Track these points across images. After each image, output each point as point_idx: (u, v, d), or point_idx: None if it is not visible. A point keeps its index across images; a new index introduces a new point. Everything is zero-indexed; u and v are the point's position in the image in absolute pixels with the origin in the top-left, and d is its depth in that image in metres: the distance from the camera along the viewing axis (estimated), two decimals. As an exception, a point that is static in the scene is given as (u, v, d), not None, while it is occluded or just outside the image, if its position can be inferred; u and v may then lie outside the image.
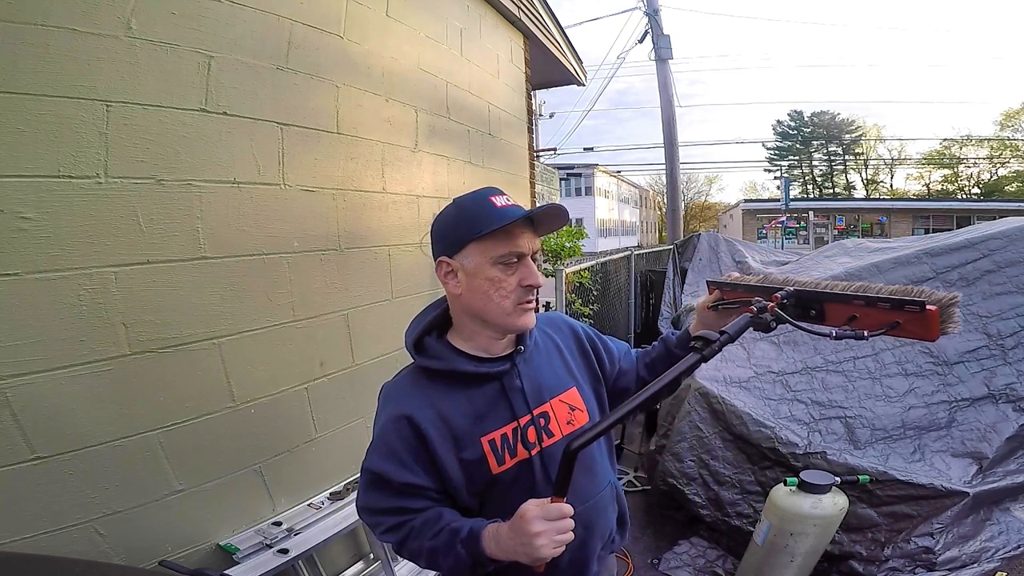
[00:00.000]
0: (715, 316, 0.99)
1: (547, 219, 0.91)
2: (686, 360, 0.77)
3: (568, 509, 0.76)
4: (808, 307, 0.85)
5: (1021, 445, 2.28)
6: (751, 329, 0.82)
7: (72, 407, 1.18)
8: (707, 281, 1.04)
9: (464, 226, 0.88)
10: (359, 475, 0.94)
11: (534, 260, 0.91)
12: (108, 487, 1.24)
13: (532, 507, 0.76)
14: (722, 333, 0.79)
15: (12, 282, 1.09)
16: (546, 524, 0.75)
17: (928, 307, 0.71)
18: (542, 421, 0.93)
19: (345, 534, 1.68)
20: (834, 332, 0.77)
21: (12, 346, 1.09)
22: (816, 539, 1.99)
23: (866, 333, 0.76)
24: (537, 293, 0.93)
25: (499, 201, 0.88)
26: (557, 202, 4.79)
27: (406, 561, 2.01)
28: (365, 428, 1.99)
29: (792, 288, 0.86)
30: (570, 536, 0.77)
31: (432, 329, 0.97)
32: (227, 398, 1.48)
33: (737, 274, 1.05)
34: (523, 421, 0.92)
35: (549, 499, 0.77)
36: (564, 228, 3.78)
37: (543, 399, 0.95)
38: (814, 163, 38.82)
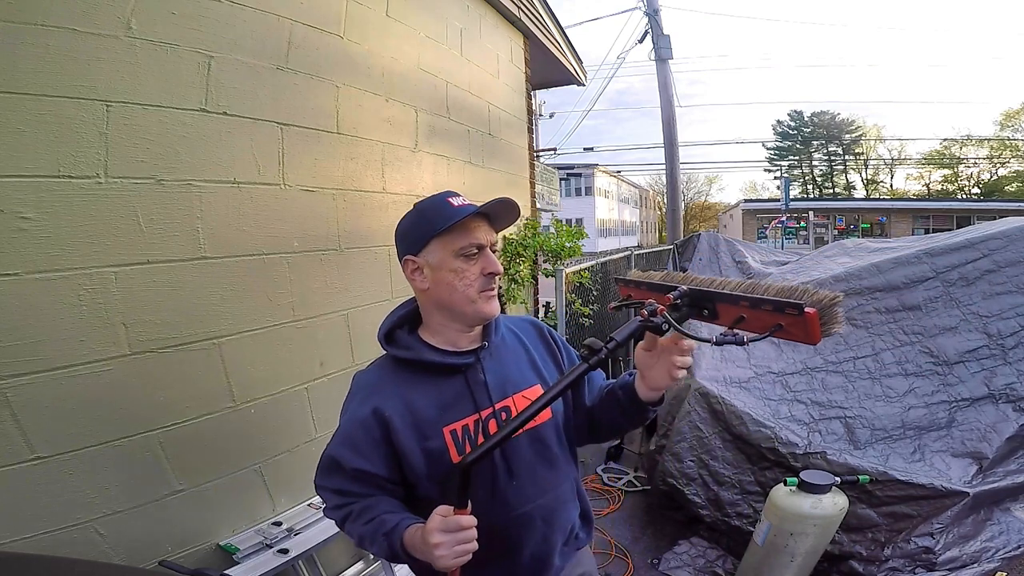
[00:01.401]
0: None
1: (501, 212, 0.97)
2: (575, 370, 0.80)
3: (469, 520, 0.78)
4: (702, 307, 0.86)
5: (1021, 445, 2.28)
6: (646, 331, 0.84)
7: (72, 407, 1.18)
8: (615, 278, 1.09)
9: (425, 225, 0.95)
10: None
11: (493, 251, 0.98)
12: (108, 487, 1.24)
13: (435, 518, 0.78)
14: (609, 340, 0.81)
15: (12, 282, 1.09)
16: (446, 536, 0.77)
17: (806, 310, 0.69)
18: (504, 415, 0.97)
19: (345, 534, 1.68)
20: (714, 338, 0.78)
21: (12, 346, 1.09)
22: (816, 539, 1.99)
23: (745, 338, 0.75)
24: (498, 281, 0.98)
25: (455, 201, 0.95)
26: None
27: (406, 561, 2.01)
28: (365, 428, 1.99)
29: (685, 287, 0.87)
30: (472, 546, 0.78)
31: (404, 324, 1.03)
32: (227, 398, 1.48)
33: (639, 272, 1.07)
34: (484, 413, 0.96)
35: (454, 509, 0.78)
36: (564, 228, 3.78)
37: (506, 393, 0.99)
38: (814, 163, 38.82)
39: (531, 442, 0.99)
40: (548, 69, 4.17)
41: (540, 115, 11.03)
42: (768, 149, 39.62)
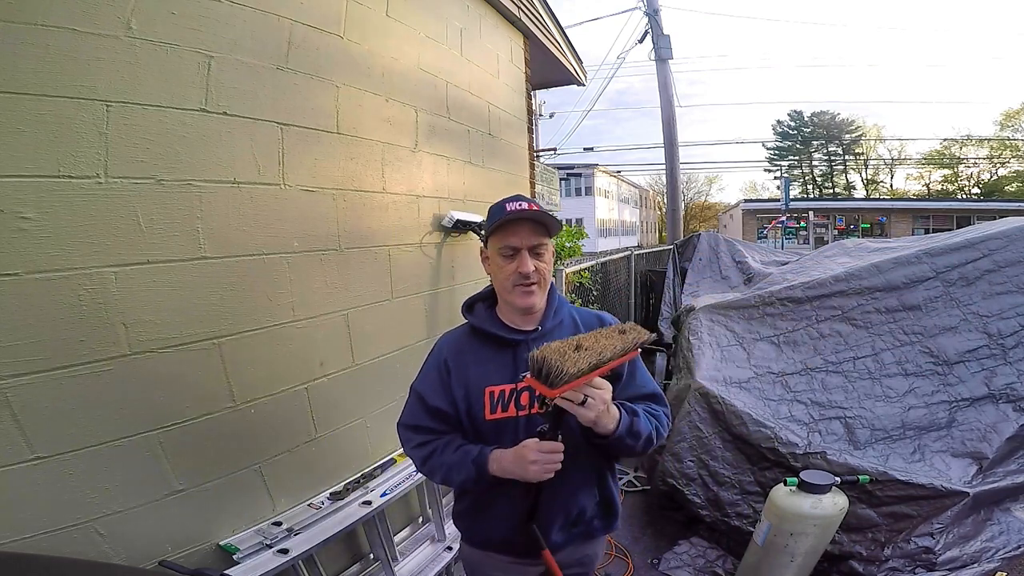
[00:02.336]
0: None
1: (538, 218, 1.12)
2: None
3: (559, 446, 1.02)
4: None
5: (1021, 445, 2.28)
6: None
7: (72, 407, 1.18)
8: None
9: (487, 222, 1.18)
10: (407, 395, 1.23)
11: (537, 253, 1.13)
12: (108, 487, 1.24)
13: (532, 442, 1.03)
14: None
15: (12, 282, 1.09)
16: (541, 455, 1.01)
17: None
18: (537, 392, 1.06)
19: (345, 534, 1.68)
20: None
21: (12, 346, 1.09)
22: (816, 539, 1.99)
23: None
24: (537, 279, 1.13)
25: (510, 205, 1.12)
26: (544, 204, 4.81)
27: (406, 561, 2.01)
28: (365, 428, 1.99)
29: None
30: (557, 467, 1.02)
31: (487, 299, 1.25)
32: (227, 398, 1.48)
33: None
34: (519, 385, 1.12)
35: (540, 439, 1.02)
36: (564, 228, 3.79)
37: None
38: (814, 163, 38.80)
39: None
40: (548, 69, 4.17)
41: (540, 115, 11.03)
42: (768, 149, 39.63)
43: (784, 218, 21.25)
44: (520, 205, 1.12)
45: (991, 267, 2.79)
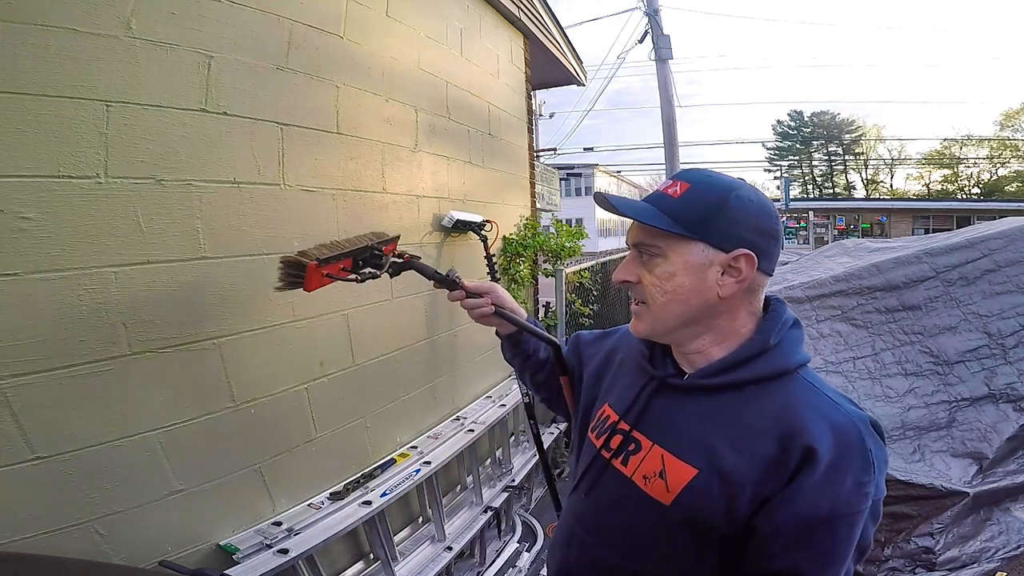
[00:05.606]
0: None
1: (622, 208, 0.79)
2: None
3: (459, 295, 1.12)
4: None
5: (1021, 445, 2.28)
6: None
7: (72, 407, 1.18)
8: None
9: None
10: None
11: (645, 251, 0.78)
12: (108, 487, 1.23)
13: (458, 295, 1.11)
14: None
15: (12, 282, 1.09)
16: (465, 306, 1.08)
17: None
18: (631, 446, 0.81)
19: (345, 534, 1.68)
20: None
21: (12, 346, 1.09)
22: (816, 539, 1.99)
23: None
24: (640, 295, 0.79)
25: (660, 187, 0.80)
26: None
27: (406, 561, 2.01)
28: (365, 428, 1.99)
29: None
30: (485, 309, 1.07)
31: None
32: (227, 398, 1.48)
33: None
34: (621, 425, 0.83)
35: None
36: (564, 228, 3.78)
37: (650, 435, 0.79)
38: (814, 163, 38.81)
39: (624, 499, 0.80)
40: (548, 69, 4.17)
41: (540, 115, 11.03)
42: (768, 149, 39.65)
43: (784, 218, 21.25)
44: (664, 187, 0.79)
45: (991, 267, 2.79)
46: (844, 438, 0.67)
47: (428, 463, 2.05)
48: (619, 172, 34.70)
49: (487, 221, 2.65)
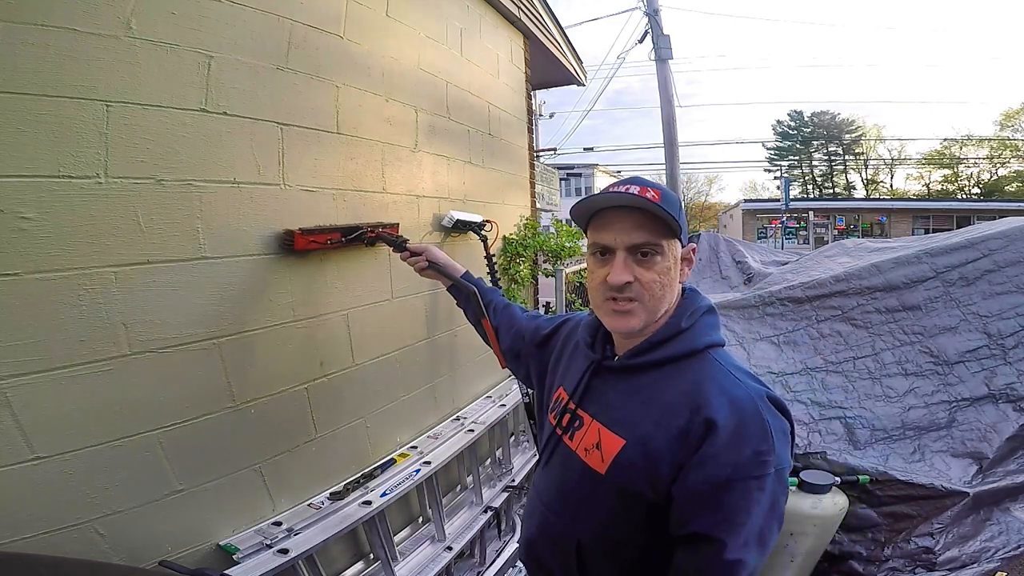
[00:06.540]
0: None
1: (646, 207, 0.79)
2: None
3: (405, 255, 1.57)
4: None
5: (1021, 445, 2.28)
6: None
7: (72, 407, 1.18)
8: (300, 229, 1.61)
9: (579, 207, 0.86)
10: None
11: (648, 250, 0.81)
12: (108, 487, 1.23)
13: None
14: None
15: (12, 282, 1.09)
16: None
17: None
18: (576, 422, 0.91)
19: (345, 534, 1.68)
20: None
21: (12, 346, 1.09)
22: (816, 539, 1.99)
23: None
24: (635, 293, 0.82)
25: (617, 187, 0.83)
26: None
27: (406, 561, 2.01)
28: (365, 428, 1.99)
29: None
30: (420, 263, 1.55)
31: None
32: (227, 398, 1.48)
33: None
34: (569, 405, 0.94)
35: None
36: (564, 228, 3.78)
37: (590, 411, 0.90)
38: (814, 163, 38.81)
39: (569, 471, 0.90)
40: (548, 69, 4.17)
41: (540, 115, 11.03)
42: (768, 149, 39.65)
43: (784, 218, 21.27)
44: (628, 188, 0.80)
45: (991, 267, 2.79)
46: (742, 411, 0.75)
47: (428, 463, 2.05)
48: (619, 172, 34.68)
49: (487, 221, 2.65)
